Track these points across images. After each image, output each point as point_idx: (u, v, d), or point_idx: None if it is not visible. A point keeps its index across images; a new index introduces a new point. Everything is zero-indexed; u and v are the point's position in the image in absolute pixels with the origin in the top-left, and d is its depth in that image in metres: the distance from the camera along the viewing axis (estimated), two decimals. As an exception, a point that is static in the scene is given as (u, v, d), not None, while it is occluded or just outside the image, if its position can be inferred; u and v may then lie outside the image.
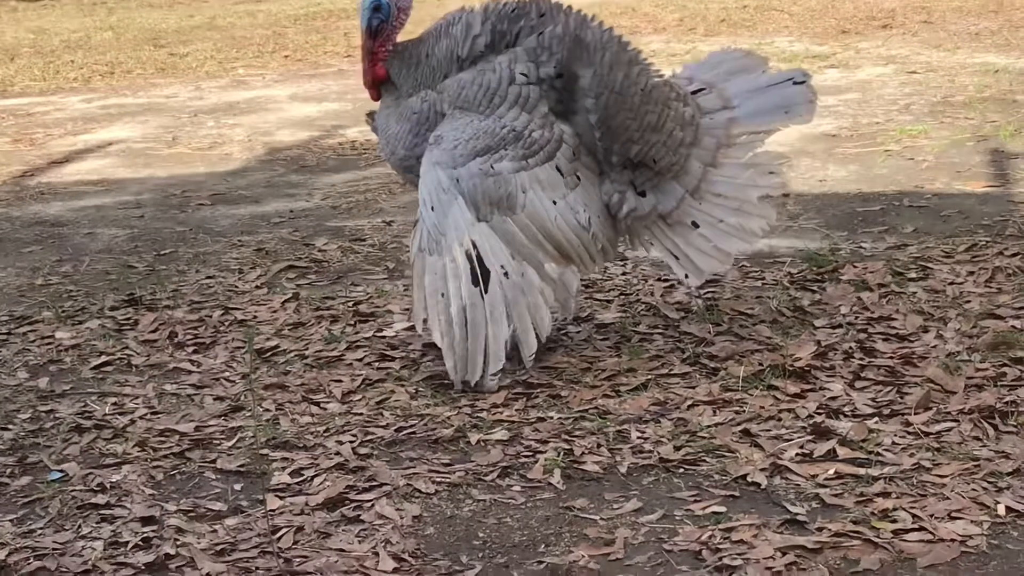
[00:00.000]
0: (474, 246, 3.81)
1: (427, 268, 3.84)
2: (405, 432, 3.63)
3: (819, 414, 3.57)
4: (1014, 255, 4.79)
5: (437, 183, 3.85)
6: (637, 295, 4.65)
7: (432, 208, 3.84)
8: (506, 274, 3.84)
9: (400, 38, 4.11)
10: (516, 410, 3.73)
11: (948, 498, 3.07)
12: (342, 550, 3.00)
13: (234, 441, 3.64)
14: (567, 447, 3.46)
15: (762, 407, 3.63)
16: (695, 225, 4.08)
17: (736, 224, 4.10)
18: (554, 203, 3.91)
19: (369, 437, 3.60)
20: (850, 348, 4.00)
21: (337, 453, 3.50)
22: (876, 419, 3.52)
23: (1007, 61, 9.19)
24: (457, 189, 3.84)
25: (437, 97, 3.98)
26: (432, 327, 3.86)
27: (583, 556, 2.92)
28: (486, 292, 3.81)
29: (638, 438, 3.50)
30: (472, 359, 3.84)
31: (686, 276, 4.17)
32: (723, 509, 3.11)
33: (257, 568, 2.94)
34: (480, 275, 3.81)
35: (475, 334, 3.82)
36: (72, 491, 3.37)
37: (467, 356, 3.84)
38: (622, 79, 3.94)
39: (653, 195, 4.03)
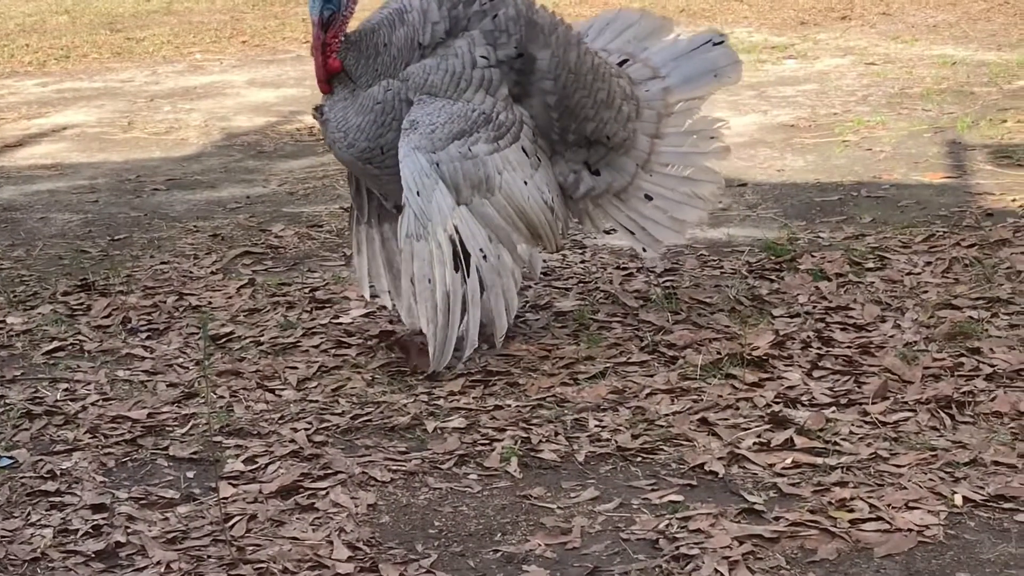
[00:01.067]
0: (456, 231, 3.79)
1: (415, 254, 3.81)
2: (361, 420, 3.59)
3: (777, 403, 3.56)
4: (971, 246, 4.80)
5: (419, 168, 3.82)
6: (596, 283, 4.63)
7: (417, 193, 3.80)
8: (484, 257, 3.83)
9: None
10: (473, 398, 3.70)
11: (905, 488, 3.07)
12: (296, 538, 2.96)
13: (187, 428, 3.60)
14: (524, 435, 3.44)
15: (720, 396, 3.62)
16: (648, 198, 4.15)
17: (688, 192, 4.20)
18: (525, 183, 3.93)
19: (324, 425, 3.57)
20: (808, 337, 4.00)
21: (292, 441, 3.47)
22: (834, 409, 3.52)
23: (965, 53, 9.22)
24: (437, 173, 3.82)
25: (401, 85, 3.92)
26: (419, 314, 3.84)
27: (539, 545, 2.90)
28: (468, 276, 3.80)
29: (596, 427, 3.48)
30: (449, 343, 3.82)
31: (644, 250, 4.27)
32: (680, 498, 3.09)
33: (209, 556, 2.91)
34: (462, 260, 3.80)
35: (454, 319, 3.81)
36: (22, 478, 3.32)
37: (446, 341, 3.81)
38: (576, 58, 3.99)
39: (607, 172, 4.10)
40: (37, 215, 6.07)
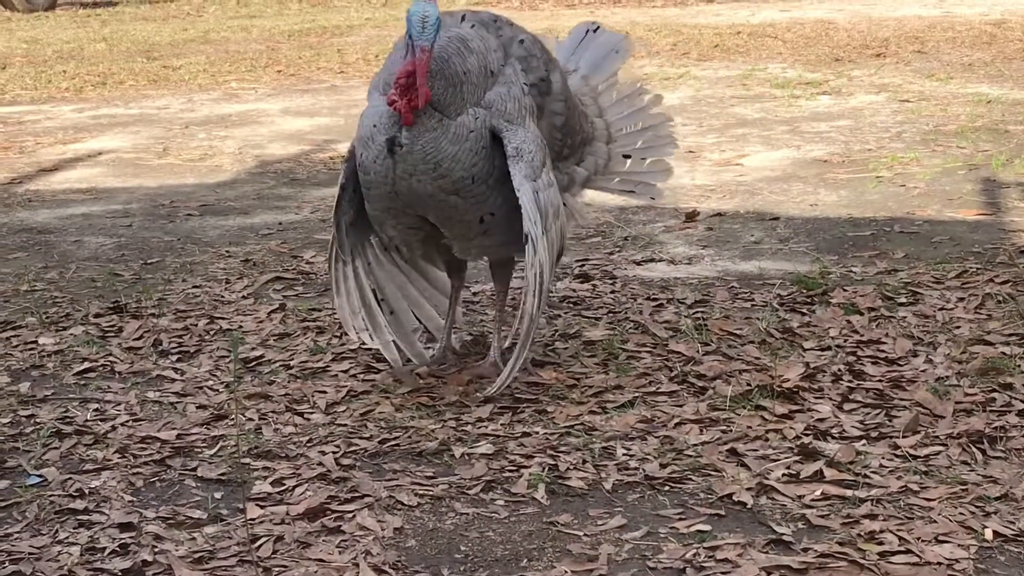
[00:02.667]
0: (540, 263, 3.79)
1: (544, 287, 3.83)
2: (389, 444, 3.59)
3: (807, 435, 3.54)
4: (1004, 282, 4.77)
5: (533, 197, 3.78)
6: (625, 313, 4.62)
7: (535, 223, 3.77)
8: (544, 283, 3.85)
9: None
10: (501, 424, 3.70)
11: (935, 521, 3.04)
12: (322, 560, 2.96)
13: (216, 449, 3.61)
14: (552, 462, 3.43)
15: (749, 427, 3.61)
16: (626, 157, 4.43)
17: (651, 137, 4.49)
18: (564, 204, 4.02)
19: (352, 448, 3.57)
20: (839, 370, 3.98)
21: (319, 463, 3.47)
22: (864, 441, 3.50)
23: (1000, 92, 9.20)
24: (537, 202, 3.81)
25: (487, 113, 3.86)
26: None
27: (566, 572, 2.89)
28: (539, 306, 3.81)
29: (624, 455, 3.47)
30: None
31: (652, 199, 4.59)
32: (708, 528, 3.08)
33: (235, 577, 2.91)
34: (540, 289, 3.81)
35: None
36: (50, 496, 3.33)
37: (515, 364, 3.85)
38: (564, 77, 4.12)
39: (590, 159, 4.29)
40: (71, 238, 6.11)
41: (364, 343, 4.20)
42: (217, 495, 3.33)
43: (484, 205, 3.81)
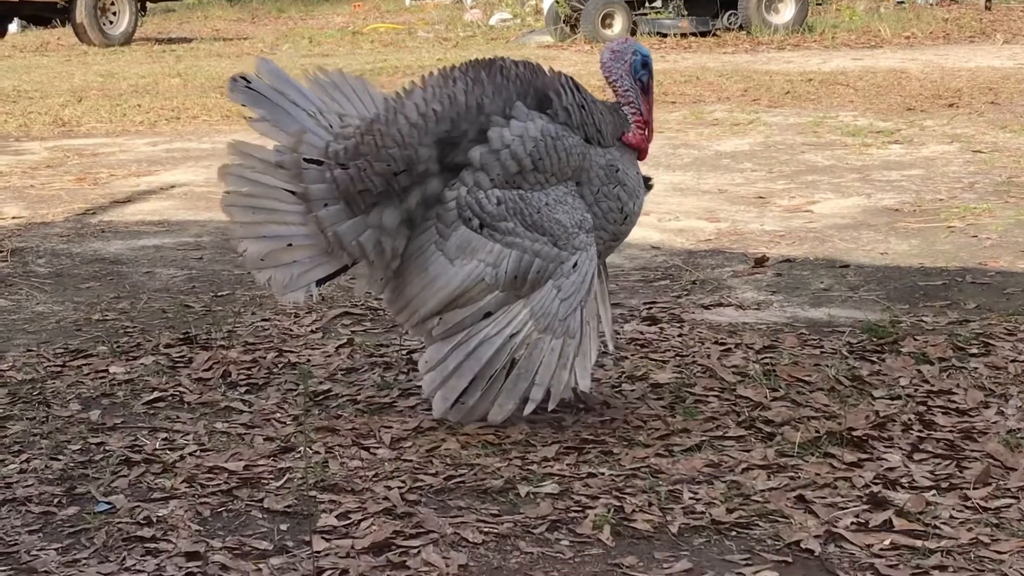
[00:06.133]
0: None
1: None
2: (454, 480, 3.59)
3: (876, 484, 3.51)
4: (1078, 335, 4.72)
5: None
6: (693, 357, 4.60)
7: None
8: None
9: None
10: (567, 464, 3.69)
11: (1006, 575, 3.00)
12: (386, 595, 2.96)
13: (282, 481, 3.62)
14: (617, 504, 3.42)
15: (818, 474, 3.57)
16: None
17: None
18: None
19: (418, 484, 3.57)
20: (909, 420, 3.94)
21: (385, 498, 3.47)
22: (934, 492, 3.46)
23: (1074, 144, 9.11)
24: None
25: None
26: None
27: (631, 614, 2.87)
28: None
29: (690, 499, 3.45)
30: None
31: None
32: (775, 575, 3.05)
33: (300, 609, 2.91)
34: None
35: None
36: (118, 523, 3.36)
37: None
38: None
39: None
40: (143, 269, 6.17)
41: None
42: (283, 527, 3.34)
43: None
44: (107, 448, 3.88)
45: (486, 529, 3.29)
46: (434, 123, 3.82)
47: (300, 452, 3.79)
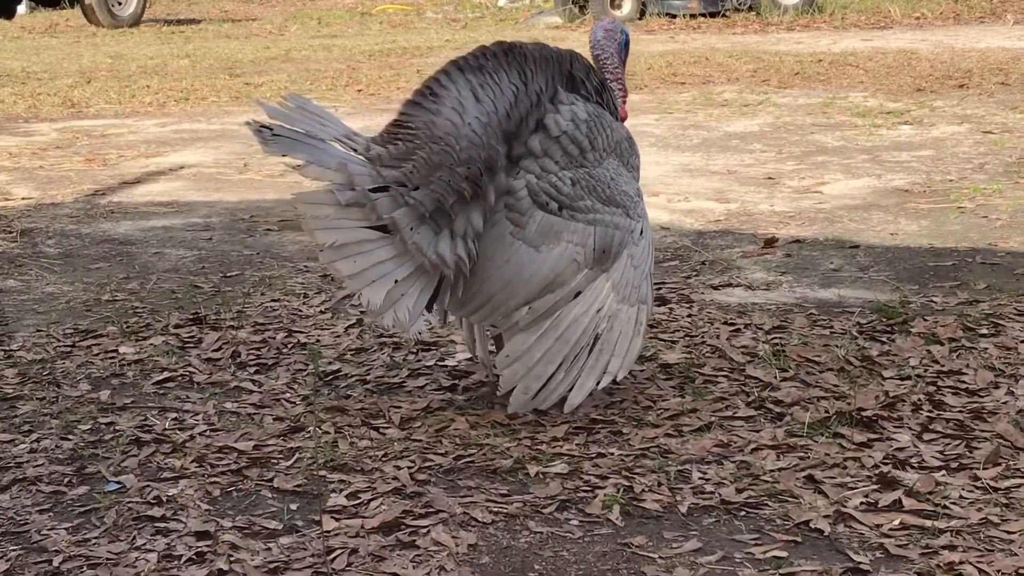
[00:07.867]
0: None
1: None
2: (464, 460, 3.60)
3: (885, 464, 3.50)
4: (1089, 316, 4.71)
5: None
6: (702, 337, 4.60)
7: None
8: None
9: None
10: (576, 444, 3.69)
11: (1016, 554, 3.00)
12: (396, 574, 2.96)
13: (292, 461, 3.62)
14: (627, 484, 3.42)
15: (827, 454, 3.57)
16: None
17: None
18: None
19: (427, 464, 3.58)
20: (919, 400, 3.94)
21: (395, 478, 3.47)
22: (944, 472, 3.45)
23: (1085, 125, 9.08)
24: None
25: None
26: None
27: (640, 593, 2.87)
28: None
29: (699, 479, 3.45)
30: None
31: None
32: (784, 554, 3.05)
33: (310, 588, 2.92)
34: None
35: None
36: (128, 503, 3.36)
37: None
38: None
39: None
40: (152, 250, 6.17)
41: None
42: (293, 506, 3.35)
43: None
44: (117, 428, 3.88)
45: (495, 509, 3.30)
46: (504, 118, 3.78)
47: (309, 432, 3.79)
